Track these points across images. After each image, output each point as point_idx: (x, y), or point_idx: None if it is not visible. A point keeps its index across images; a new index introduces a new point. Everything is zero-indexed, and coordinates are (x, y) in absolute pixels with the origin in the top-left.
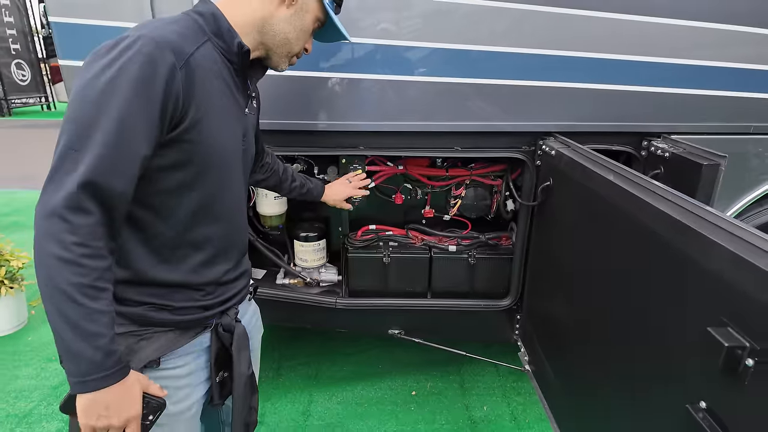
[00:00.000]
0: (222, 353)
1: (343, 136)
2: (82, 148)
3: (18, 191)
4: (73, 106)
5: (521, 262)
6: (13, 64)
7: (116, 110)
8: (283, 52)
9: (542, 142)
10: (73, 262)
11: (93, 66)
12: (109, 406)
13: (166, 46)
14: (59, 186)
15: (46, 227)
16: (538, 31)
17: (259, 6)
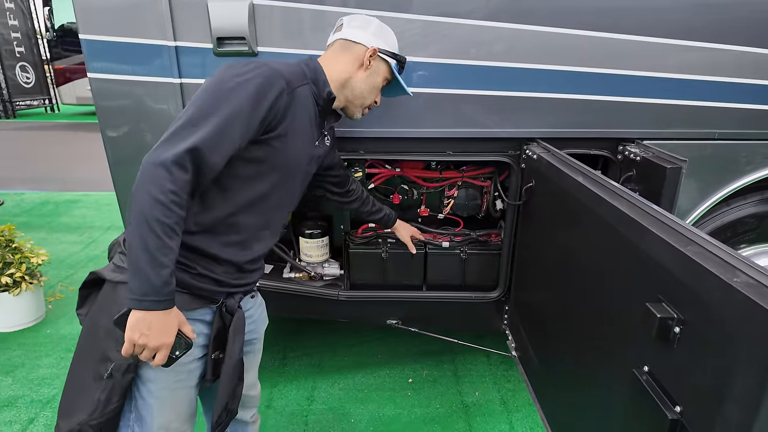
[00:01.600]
0: (221, 333)
1: (345, 142)
2: (199, 125)
3: (26, 192)
4: (204, 95)
5: (509, 256)
6: (17, 66)
7: (232, 107)
8: (358, 104)
9: (526, 147)
10: (164, 204)
11: (228, 72)
12: (151, 326)
13: (282, 77)
14: (173, 146)
15: (152, 172)
16: (524, 48)
17: (345, 68)
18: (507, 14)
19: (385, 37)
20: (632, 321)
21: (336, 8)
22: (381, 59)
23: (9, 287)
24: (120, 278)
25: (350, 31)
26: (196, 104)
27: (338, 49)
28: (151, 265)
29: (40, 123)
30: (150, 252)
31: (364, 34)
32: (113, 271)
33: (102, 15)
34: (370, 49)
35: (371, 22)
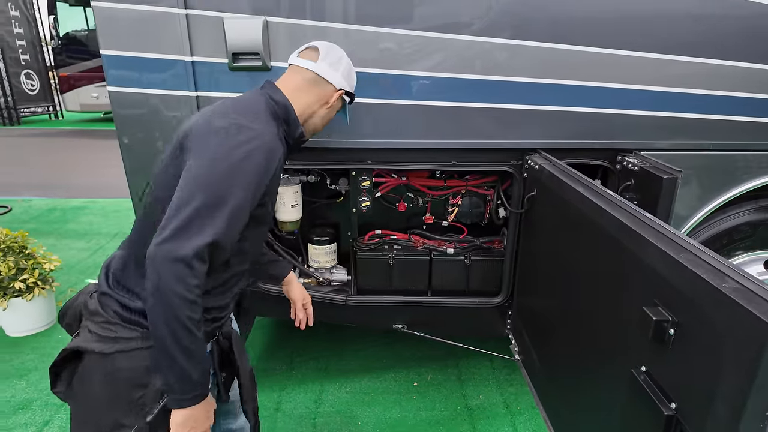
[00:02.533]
0: (222, 357)
1: (354, 152)
2: (214, 214)
3: (33, 199)
4: (208, 171)
5: (511, 263)
6: (22, 74)
7: (244, 190)
8: (310, 135)
9: (528, 158)
10: (193, 301)
11: (227, 145)
12: (198, 418)
13: (280, 141)
14: (190, 238)
15: (174, 270)
16: (526, 63)
17: (311, 104)
18: (509, 30)
19: (351, 78)
20: (630, 324)
21: (342, 25)
22: (341, 98)
23: (22, 292)
24: (116, 348)
25: (325, 69)
26: (203, 183)
27: (308, 82)
28: (190, 363)
29: (45, 130)
30: (187, 350)
31: (336, 74)
32: (100, 341)
33: (122, 31)
34: (339, 92)
35: (342, 61)
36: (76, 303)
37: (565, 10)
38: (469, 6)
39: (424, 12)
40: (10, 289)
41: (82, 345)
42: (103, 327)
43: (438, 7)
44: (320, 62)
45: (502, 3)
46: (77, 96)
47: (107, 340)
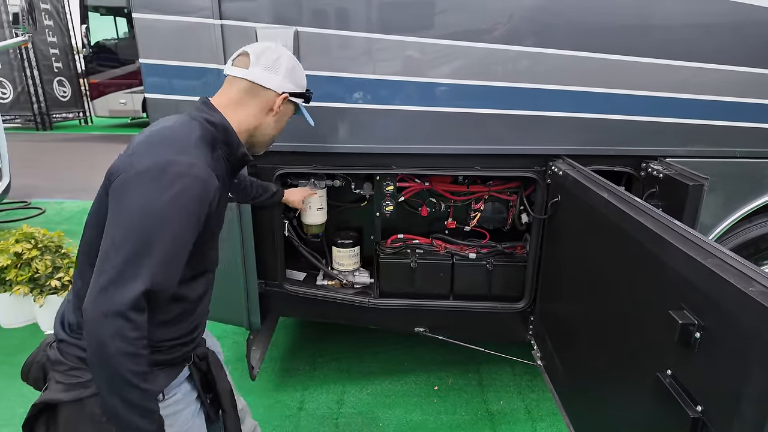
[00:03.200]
0: (202, 378)
1: (378, 158)
2: (144, 262)
3: (65, 201)
4: (136, 217)
5: (534, 268)
6: (55, 81)
7: (176, 227)
8: (264, 145)
9: (552, 164)
10: (135, 354)
11: (151, 184)
12: None
13: (210, 171)
14: (123, 289)
15: (110, 325)
16: (548, 70)
17: (253, 116)
18: (531, 38)
19: (296, 77)
20: (655, 328)
21: (370, 34)
22: (290, 102)
23: (57, 290)
24: (86, 393)
25: (260, 74)
26: (131, 228)
27: (244, 92)
28: (142, 417)
29: (75, 135)
30: (137, 406)
31: (275, 77)
32: (69, 390)
33: (160, 40)
34: (282, 96)
35: (281, 63)
36: (38, 358)
37: (587, 18)
38: (491, 14)
39: (446, 20)
40: (47, 286)
41: (53, 397)
42: (68, 375)
43: (460, 16)
44: (252, 68)
45: (523, 11)
46: (106, 102)
47: (76, 386)
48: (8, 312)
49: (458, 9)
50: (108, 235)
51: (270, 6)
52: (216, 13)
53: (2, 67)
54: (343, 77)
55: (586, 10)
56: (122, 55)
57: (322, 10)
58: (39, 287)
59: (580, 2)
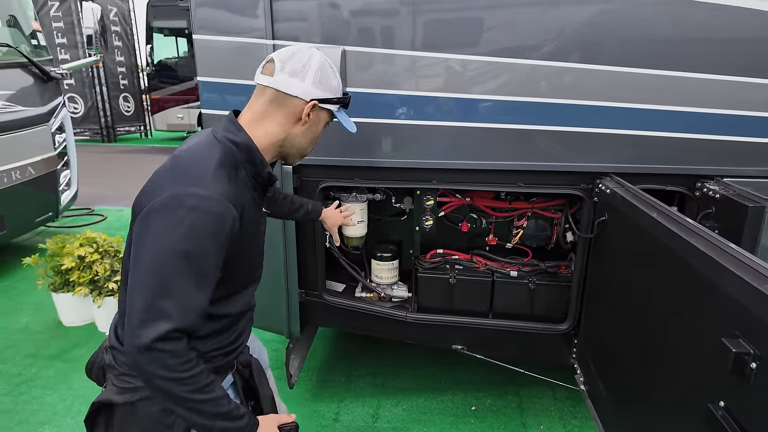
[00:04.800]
0: (245, 385)
1: (419, 172)
2: (165, 301)
3: (124, 209)
4: (152, 258)
5: (579, 289)
6: (120, 97)
7: (191, 265)
8: (298, 155)
9: (599, 181)
10: (181, 379)
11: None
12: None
13: (229, 201)
14: (150, 330)
15: (147, 358)
16: (597, 86)
17: (280, 129)
18: (579, 54)
19: (326, 82)
20: (707, 356)
21: (415, 52)
22: (321, 109)
23: (114, 292)
24: (136, 397)
25: (285, 81)
26: (152, 276)
27: (270, 103)
28: (224, 420)
29: (136, 147)
30: (213, 415)
31: (302, 84)
32: (122, 393)
33: (217, 60)
34: (310, 103)
35: (309, 68)
36: (98, 359)
37: (639, 33)
38: (537, 31)
39: (491, 37)
40: (105, 288)
41: (107, 398)
42: (120, 380)
43: (505, 33)
44: (277, 75)
45: (571, 27)
46: (165, 117)
47: (127, 390)
48: (70, 311)
49: (503, 26)
50: (132, 272)
51: (318, 27)
52: (269, 34)
53: (75, 84)
54: (387, 94)
55: (637, 25)
56: (181, 73)
57: (368, 30)
58: (98, 289)
59: (629, 17)
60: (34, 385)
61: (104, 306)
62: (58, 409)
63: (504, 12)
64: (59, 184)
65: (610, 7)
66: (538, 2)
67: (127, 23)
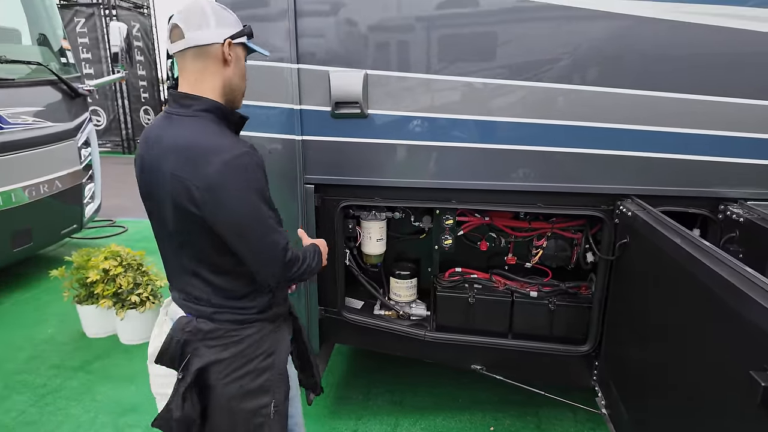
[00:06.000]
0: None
1: (438, 192)
2: (273, 230)
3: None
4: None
5: (600, 310)
6: (141, 109)
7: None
8: (240, 95)
9: (620, 203)
10: (307, 263)
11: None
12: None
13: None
14: (278, 257)
15: (291, 271)
16: (618, 109)
17: (216, 77)
18: (600, 78)
19: (227, 20)
20: (734, 387)
21: (434, 76)
22: (235, 45)
23: (137, 305)
24: (242, 347)
25: (196, 36)
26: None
27: (196, 61)
28: (316, 257)
29: None
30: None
31: (210, 31)
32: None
33: None
34: (225, 43)
35: (207, 15)
36: (177, 337)
37: (659, 57)
38: (554, 53)
39: (510, 60)
40: (128, 301)
41: (213, 358)
42: (224, 338)
43: (524, 56)
44: (188, 34)
45: (590, 51)
46: None
47: (233, 344)
48: (94, 323)
49: (522, 48)
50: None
51: (341, 52)
52: (294, 58)
53: (98, 97)
54: (408, 116)
55: (658, 48)
56: None
57: (389, 54)
58: (121, 301)
59: (650, 41)
60: (58, 396)
61: (127, 319)
62: (83, 420)
63: (523, 35)
64: (84, 197)
65: (631, 32)
66: (558, 25)
67: (149, 38)
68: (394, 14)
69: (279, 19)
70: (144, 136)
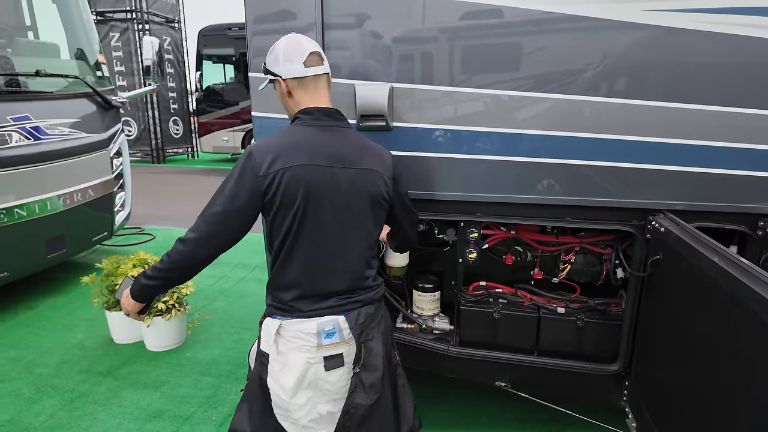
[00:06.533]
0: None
1: (463, 205)
2: None
3: (173, 229)
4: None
5: (631, 328)
6: (171, 120)
7: None
8: None
9: (652, 218)
10: None
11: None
12: None
13: None
14: None
15: None
16: (650, 122)
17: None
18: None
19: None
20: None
21: (459, 88)
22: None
23: (162, 312)
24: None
25: (327, 65)
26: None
27: (327, 84)
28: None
29: (183, 168)
30: None
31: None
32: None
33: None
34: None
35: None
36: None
37: (695, 68)
38: (583, 65)
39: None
40: (154, 308)
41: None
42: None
43: (551, 67)
44: (325, 63)
45: (622, 62)
46: (211, 139)
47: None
48: (122, 329)
49: (547, 60)
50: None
51: (367, 66)
52: None
53: (130, 108)
54: (433, 128)
55: (691, 60)
56: (227, 98)
57: (414, 67)
58: (147, 308)
59: (683, 53)
60: (87, 401)
61: (152, 326)
62: (109, 426)
63: (549, 46)
64: (114, 205)
65: (662, 42)
66: (586, 36)
67: (179, 51)
68: (419, 26)
69: (307, 32)
70: (297, 146)
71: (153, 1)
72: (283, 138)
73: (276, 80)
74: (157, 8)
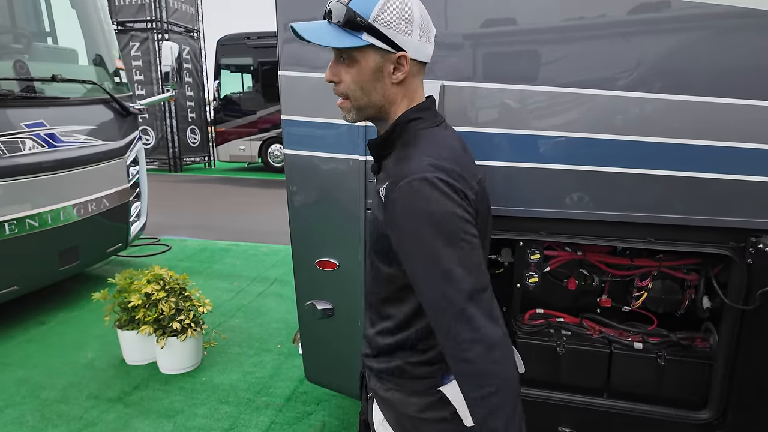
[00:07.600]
0: None
1: (523, 221)
2: None
3: (188, 239)
4: None
5: (726, 369)
6: (188, 129)
7: None
8: None
9: (756, 240)
10: None
11: None
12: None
13: None
14: None
15: None
16: (755, 125)
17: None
18: (734, 89)
19: None
20: None
21: (511, 86)
22: None
23: (177, 333)
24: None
25: None
26: None
27: None
28: None
29: (200, 177)
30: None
31: None
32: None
33: (301, 97)
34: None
35: None
36: None
37: None
38: (680, 59)
39: (619, 68)
40: (169, 328)
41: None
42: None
43: (636, 63)
44: None
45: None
46: (228, 148)
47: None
48: (134, 349)
49: (630, 56)
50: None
51: None
52: None
53: (148, 116)
54: (487, 132)
55: None
56: (244, 107)
57: (467, 63)
58: (162, 328)
59: None
60: (94, 431)
61: (166, 347)
62: None
63: (633, 41)
64: (130, 215)
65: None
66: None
67: (197, 60)
68: (470, 22)
69: None
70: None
71: (173, 11)
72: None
73: (395, 55)
74: (177, 18)
